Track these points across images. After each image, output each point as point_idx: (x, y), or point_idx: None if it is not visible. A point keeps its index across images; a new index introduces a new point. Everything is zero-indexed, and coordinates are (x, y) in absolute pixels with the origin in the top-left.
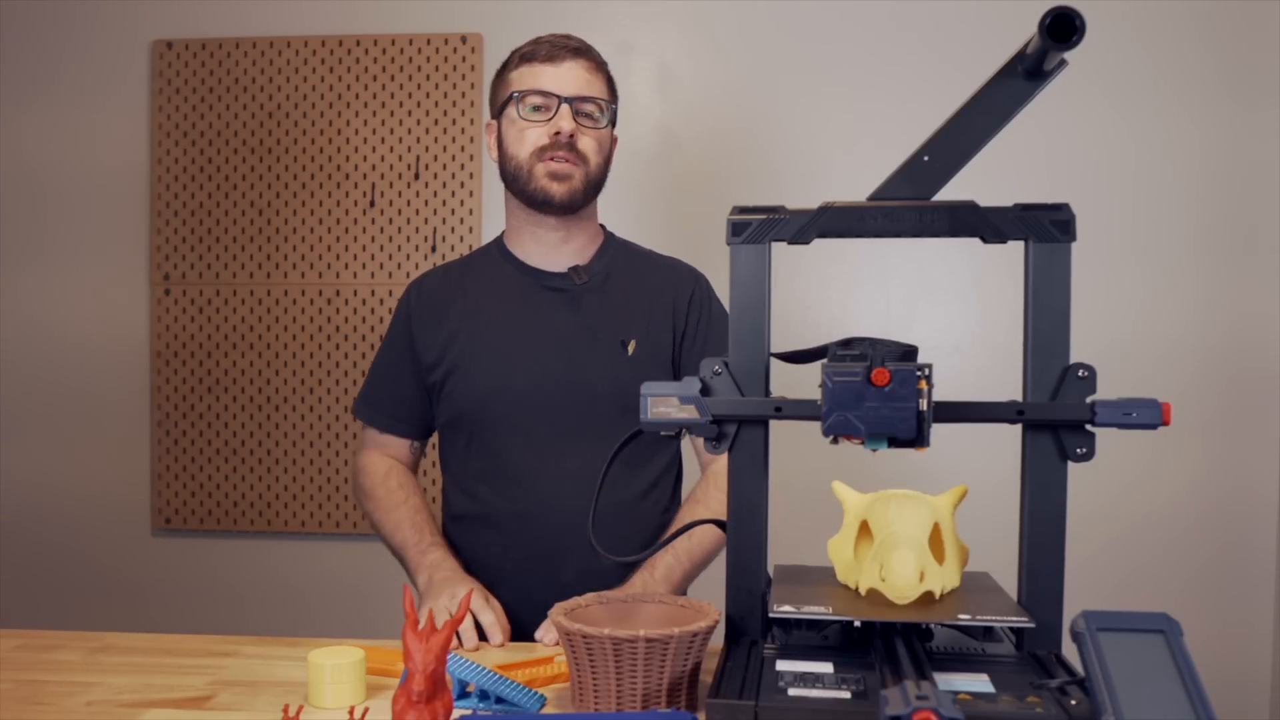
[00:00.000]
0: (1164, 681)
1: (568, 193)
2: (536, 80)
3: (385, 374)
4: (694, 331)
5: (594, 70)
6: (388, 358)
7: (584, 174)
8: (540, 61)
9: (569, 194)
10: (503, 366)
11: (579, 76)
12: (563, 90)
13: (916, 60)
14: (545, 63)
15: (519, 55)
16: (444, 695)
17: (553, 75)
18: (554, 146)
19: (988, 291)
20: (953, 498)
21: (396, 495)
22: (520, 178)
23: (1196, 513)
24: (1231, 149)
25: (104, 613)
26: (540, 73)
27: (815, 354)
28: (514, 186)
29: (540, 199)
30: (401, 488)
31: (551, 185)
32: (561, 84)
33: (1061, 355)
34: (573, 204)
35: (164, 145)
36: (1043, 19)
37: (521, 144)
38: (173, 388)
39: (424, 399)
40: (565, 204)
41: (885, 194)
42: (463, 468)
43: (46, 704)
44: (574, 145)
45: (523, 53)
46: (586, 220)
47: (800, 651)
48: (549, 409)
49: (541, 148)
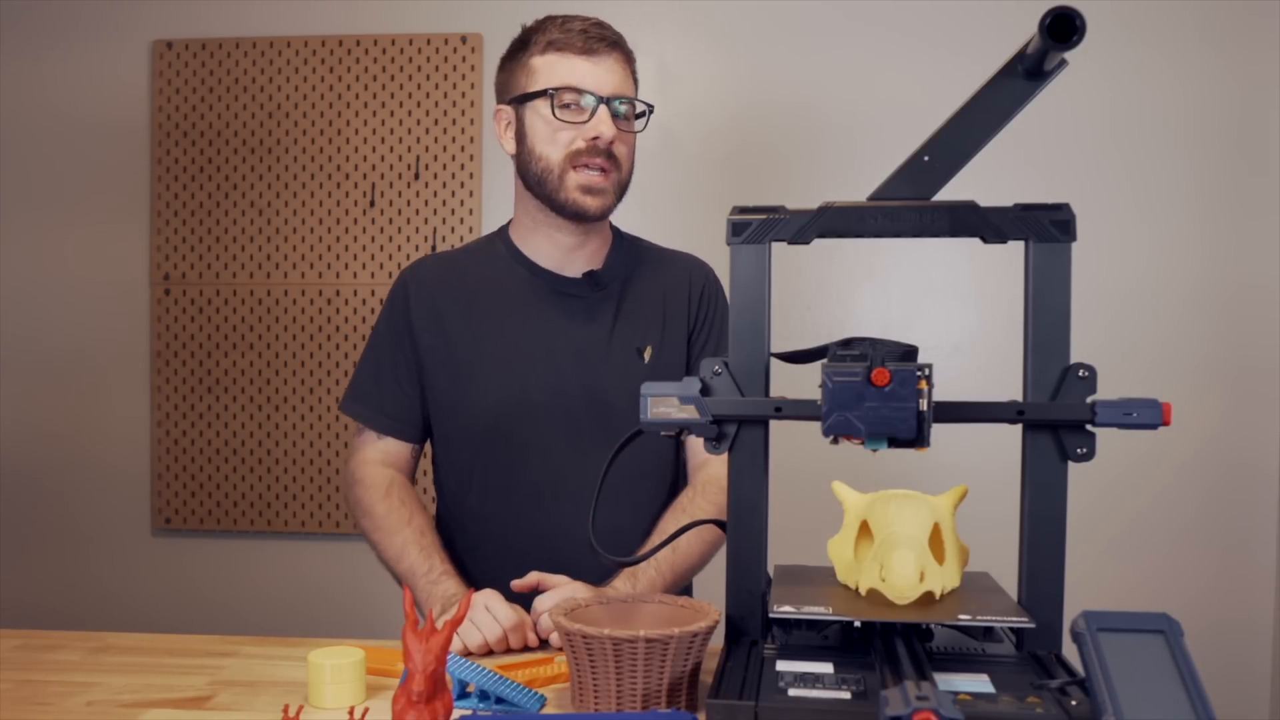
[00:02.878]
0: (1164, 681)
1: (601, 208)
2: (571, 75)
3: (383, 369)
4: (703, 327)
5: (628, 64)
6: (386, 351)
7: (616, 182)
8: (575, 53)
9: (603, 209)
10: (516, 377)
11: (616, 72)
12: (601, 89)
13: (917, 60)
14: (581, 55)
15: (546, 41)
16: (444, 695)
17: (590, 71)
18: (590, 152)
19: (988, 291)
20: (953, 498)
21: (399, 514)
22: (549, 182)
23: (1197, 513)
24: (1233, 150)
25: (104, 613)
26: (575, 66)
27: (815, 354)
28: (539, 189)
29: (571, 211)
30: (404, 504)
31: (585, 199)
32: (600, 82)
33: (1061, 355)
34: (604, 216)
35: (164, 145)
36: (1043, 19)
37: (553, 145)
38: (173, 388)
39: (423, 399)
40: (598, 218)
41: (885, 194)
42: (467, 482)
43: (46, 704)
44: (611, 152)
45: (551, 39)
46: (603, 222)
47: (800, 651)
48: (565, 421)
49: (576, 151)
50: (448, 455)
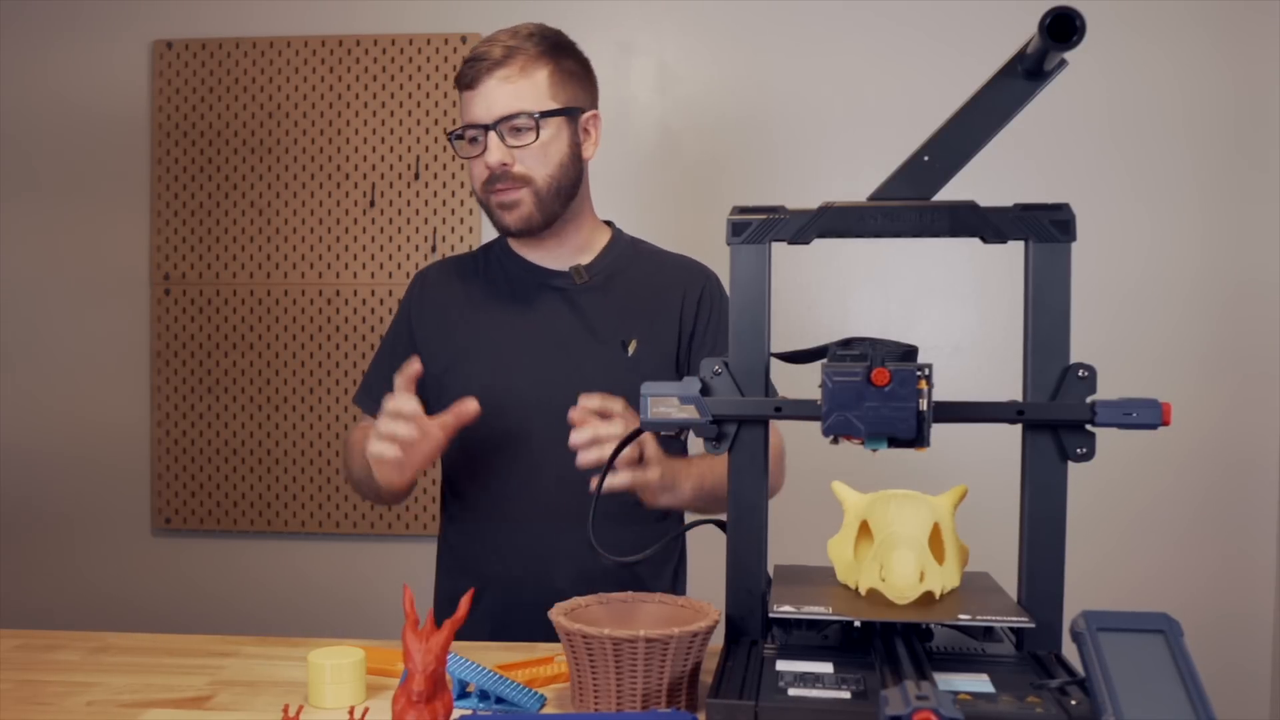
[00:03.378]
0: (1164, 681)
1: (520, 220)
2: (466, 110)
3: (385, 364)
4: (704, 330)
5: (522, 72)
6: (389, 348)
7: (532, 193)
8: (464, 88)
9: (522, 221)
10: (500, 365)
11: (501, 93)
12: (485, 117)
13: (917, 60)
14: (469, 89)
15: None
16: (444, 695)
17: (476, 101)
18: (492, 180)
19: (988, 291)
20: (953, 498)
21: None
22: (484, 208)
23: (1197, 512)
24: (1234, 148)
25: (104, 613)
26: (467, 101)
27: (815, 354)
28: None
29: (502, 229)
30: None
31: (505, 216)
32: (484, 109)
33: (1061, 355)
34: (531, 227)
35: (164, 145)
36: (1043, 19)
37: (472, 179)
38: (173, 388)
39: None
40: (523, 230)
41: (885, 194)
42: (458, 468)
43: (46, 704)
44: (509, 173)
45: (460, 75)
46: (574, 220)
47: (800, 651)
48: (546, 409)
49: (486, 180)
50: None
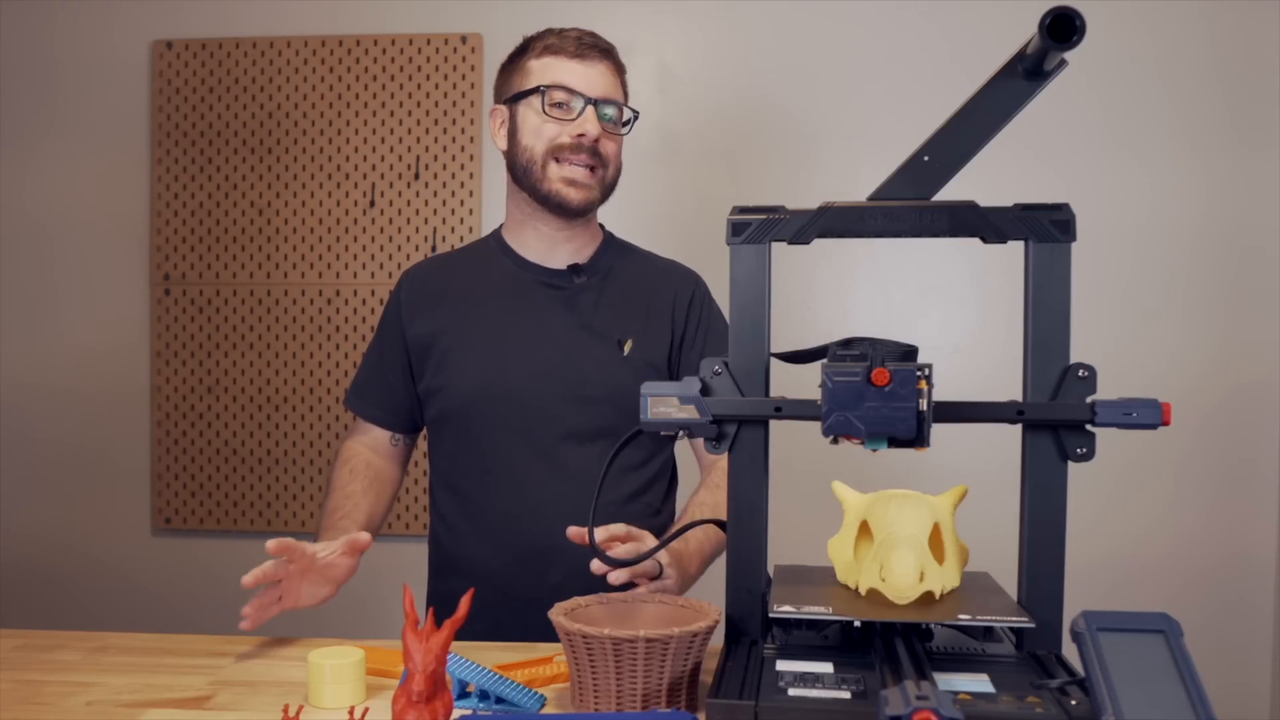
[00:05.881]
0: (1164, 681)
1: (584, 201)
2: (563, 75)
3: (373, 363)
4: (693, 334)
5: (617, 73)
6: (377, 348)
7: (601, 179)
8: (568, 57)
9: (585, 202)
10: (494, 362)
11: (606, 78)
12: (590, 90)
13: (916, 60)
14: (574, 59)
15: (543, 45)
16: (444, 695)
17: (580, 73)
18: (575, 149)
19: (988, 291)
20: (953, 498)
21: (337, 480)
22: (533, 173)
23: (1197, 513)
24: (1233, 147)
25: (104, 613)
26: (568, 69)
27: (815, 354)
28: (524, 180)
29: (554, 202)
30: (354, 476)
31: (567, 191)
32: (589, 84)
33: (1061, 355)
34: (587, 210)
35: (164, 145)
36: (1043, 19)
37: (538, 138)
38: (173, 388)
39: (411, 392)
40: (580, 210)
41: (885, 194)
42: (450, 465)
43: (46, 704)
44: (597, 150)
45: (548, 44)
46: (590, 219)
47: (800, 651)
48: (541, 406)
49: (559, 146)
50: (435, 439)
